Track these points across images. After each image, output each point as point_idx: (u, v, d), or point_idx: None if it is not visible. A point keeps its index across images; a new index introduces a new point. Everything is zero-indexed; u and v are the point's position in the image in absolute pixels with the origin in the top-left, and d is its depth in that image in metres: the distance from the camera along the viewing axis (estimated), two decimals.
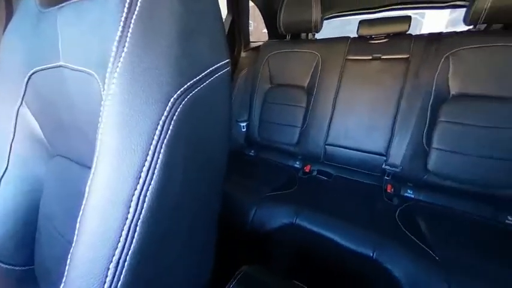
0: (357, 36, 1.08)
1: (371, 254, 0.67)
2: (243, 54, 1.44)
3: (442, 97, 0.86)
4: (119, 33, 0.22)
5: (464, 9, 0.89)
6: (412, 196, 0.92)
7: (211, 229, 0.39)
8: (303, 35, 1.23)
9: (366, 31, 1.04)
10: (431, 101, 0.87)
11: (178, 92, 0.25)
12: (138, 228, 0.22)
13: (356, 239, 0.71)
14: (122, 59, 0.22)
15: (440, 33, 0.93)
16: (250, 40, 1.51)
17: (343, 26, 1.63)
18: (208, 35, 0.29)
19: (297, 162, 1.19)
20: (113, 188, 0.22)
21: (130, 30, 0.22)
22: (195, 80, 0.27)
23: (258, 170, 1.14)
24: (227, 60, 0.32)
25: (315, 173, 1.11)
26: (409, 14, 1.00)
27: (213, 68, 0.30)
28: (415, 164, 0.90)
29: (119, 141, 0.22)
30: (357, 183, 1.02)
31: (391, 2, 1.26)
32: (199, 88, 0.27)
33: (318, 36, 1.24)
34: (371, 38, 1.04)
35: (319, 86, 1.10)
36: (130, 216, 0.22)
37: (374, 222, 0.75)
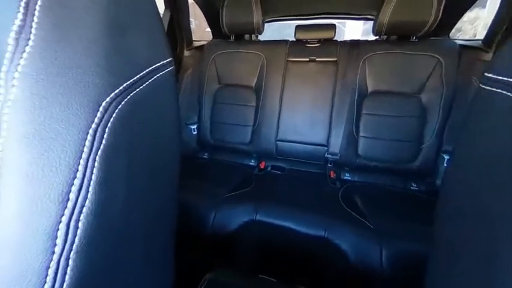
0: (294, 39, 1.19)
1: (323, 234, 0.76)
2: (186, 53, 1.37)
3: (363, 94, 1.04)
4: (18, 22, 0.18)
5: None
6: (350, 178, 1.09)
7: (169, 242, 0.36)
8: (247, 36, 1.26)
9: (302, 35, 1.16)
10: (356, 97, 1.05)
11: (112, 94, 0.21)
12: (71, 262, 0.18)
13: (310, 223, 0.79)
14: (25, 55, 0.17)
15: (358, 41, 1.12)
16: (193, 39, 1.45)
17: (282, 30, 1.76)
18: (145, 31, 0.26)
19: (252, 160, 1.22)
20: (27, 218, 0.17)
21: (35, 19, 0.18)
22: (132, 80, 0.24)
23: (213, 172, 1.12)
24: (169, 59, 0.30)
25: (269, 168, 1.16)
26: (334, 23, 1.17)
27: (154, 67, 0.27)
28: (349, 151, 1.06)
29: (30, 159, 0.17)
30: (306, 173, 1.13)
31: (319, 11, 1.44)
32: (139, 90, 0.25)
33: (260, 38, 1.29)
34: (307, 41, 1.16)
35: (266, 85, 1.16)
36: (58, 249, 0.18)
37: (323, 206, 0.85)
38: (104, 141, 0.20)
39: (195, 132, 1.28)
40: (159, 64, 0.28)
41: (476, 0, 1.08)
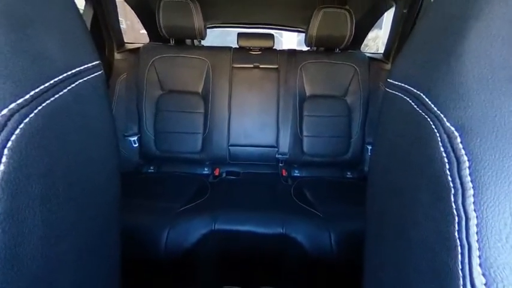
0: (237, 46, 1.22)
1: (281, 231, 0.80)
2: (117, 56, 1.20)
3: (303, 97, 1.17)
4: None
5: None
6: (299, 174, 1.19)
7: (112, 274, 0.30)
8: (188, 41, 1.21)
9: (244, 43, 1.20)
10: (297, 100, 1.16)
11: (13, 105, 0.17)
12: None
13: (268, 223, 0.82)
14: None
15: (295, 50, 1.24)
16: (126, 41, 1.30)
17: (224, 37, 1.79)
18: (57, 27, 0.22)
19: (206, 169, 1.18)
20: None
21: None
22: (43, 87, 0.19)
23: (163, 186, 1.01)
24: (96, 63, 0.26)
25: (224, 174, 1.14)
26: (272, 33, 1.27)
27: (75, 71, 0.23)
28: (296, 150, 1.16)
29: None
30: (260, 175, 1.17)
31: (258, 21, 1.53)
32: (54, 99, 0.20)
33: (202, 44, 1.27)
34: (250, 49, 1.22)
35: (213, 91, 1.14)
36: None
37: (278, 204, 0.90)
38: (2, 166, 0.15)
39: (136, 145, 1.14)
40: (81, 68, 0.23)
41: (375, 23, 1.39)
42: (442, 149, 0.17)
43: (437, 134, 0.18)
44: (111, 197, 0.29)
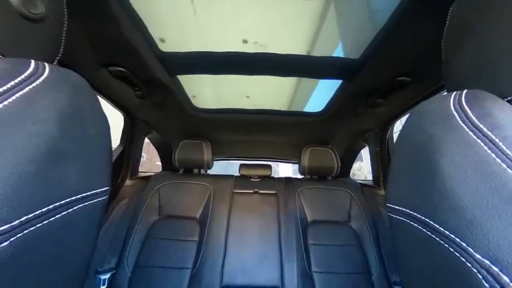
0: (239, 175, 1.36)
1: None
2: (128, 182, 1.30)
3: (305, 223, 1.11)
4: None
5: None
6: None
7: None
8: (196, 170, 1.37)
9: (245, 172, 1.35)
10: (299, 227, 1.09)
11: None
12: None
13: None
14: None
15: (291, 178, 1.37)
16: (140, 170, 1.46)
17: (228, 167, 2.05)
18: (87, 160, 0.25)
19: None
20: None
21: None
22: (38, 212, 0.19)
23: None
24: (105, 189, 0.28)
25: None
26: (269, 164, 1.47)
27: (80, 196, 0.23)
28: None
29: None
30: None
31: (258, 155, 1.84)
32: (39, 225, 0.19)
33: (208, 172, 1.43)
34: (250, 177, 1.34)
35: (212, 216, 1.11)
36: None
37: None
38: None
39: (104, 287, 0.90)
40: (88, 193, 0.25)
41: (355, 157, 1.65)
42: None
43: (474, 270, 0.15)
44: None
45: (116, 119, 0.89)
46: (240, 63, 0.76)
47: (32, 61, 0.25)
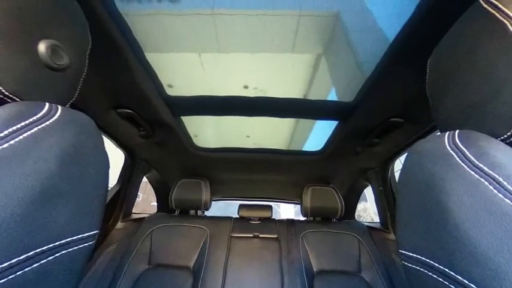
0: (238, 216, 1.28)
1: None
2: (119, 225, 1.21)
3: (311, 273, 0.99)
4: None
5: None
6: None
7: None
8: (192, 211, 1.30)
9: (245, 213, 1.28)
10: (305, 276, 0.97)
11: None
12: None
13: None
14: None
15: (293, 220, 1.28)
16: (133, 211, 1.39)
17: (227, 208, 1.95)
18: (80, 200, 0.24)
19: None
20: None
21: None
22: (15, 261, 0.17)
23: None
24: (94, 232, 0.26)
25: None
26: (270, 204, 1.40)
27: (64, 241, 0.21)
28: None
29: None
30: None
31: (259, 195, 1.77)
32: (14, 276, 0.17)
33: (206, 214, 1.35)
34: (250, 219, 1.26)
35: (207, 264, 1.00)
36: None
37: None
38: None
39: None
40: (74, 238, 0.23)
41: (359, 197, 1.59)
42: None
43: None
44: None
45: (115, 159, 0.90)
46: (241, 105, 0.81)
47: (47, 104, 0.27)
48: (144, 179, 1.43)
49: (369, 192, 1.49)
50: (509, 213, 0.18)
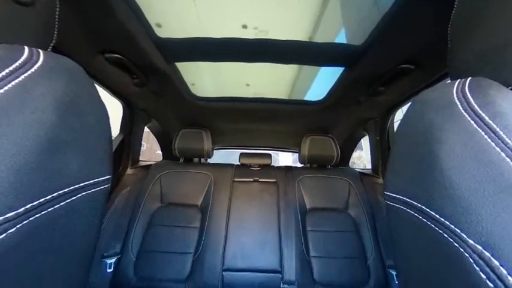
0: (239, 163, 1.37)
1: None
2: (129, 171, 1.31)
3: (304, 210, 1.14)
4: None
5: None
6: None
7: None
8: (196, 159, 1.38)
9: (245, 161, 1.36)
10: (298, 213, 1.12)
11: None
12: None
13: None
14: None
15: (291, 166, 1.38)
16: (141, 159, 1.47)
17: (228, 156, 2.06)
18: (87, 149, 0.26)
19: None
20: None
21: None
22: (42, 200, 0.19)
23: None
24: (107, 177, 0.28)
25: None
26: (269, 153, 1.47)
27: (83, 184, 0.24)
28: (305, 276, 0.95)
29: None
30: None
31: (258, 144, 1.84)
32: (44, 213, 0.19)
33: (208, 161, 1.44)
34: (250, 165, 1.35)
35: (212, 203, 1.13)
36: None
37: None
38: None
39: (111, 270, 0.95)
40: (90, 182, 0.25)
41: (355, 146, 1.65)
42: (483, 276, 0.15)
43: (466, 255, 0.16)
44: None
45: (114, 110, 0.88)
46: (239, 49, 0.74)
47: (26, 47, 0.25)
48: (146, 129, 1.46)
49: (365, 141, 1.54)
50: (496, 161, 0.18)
